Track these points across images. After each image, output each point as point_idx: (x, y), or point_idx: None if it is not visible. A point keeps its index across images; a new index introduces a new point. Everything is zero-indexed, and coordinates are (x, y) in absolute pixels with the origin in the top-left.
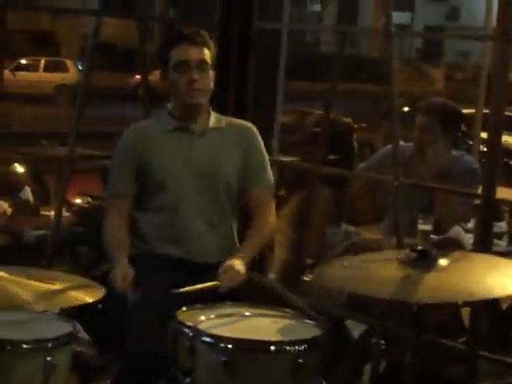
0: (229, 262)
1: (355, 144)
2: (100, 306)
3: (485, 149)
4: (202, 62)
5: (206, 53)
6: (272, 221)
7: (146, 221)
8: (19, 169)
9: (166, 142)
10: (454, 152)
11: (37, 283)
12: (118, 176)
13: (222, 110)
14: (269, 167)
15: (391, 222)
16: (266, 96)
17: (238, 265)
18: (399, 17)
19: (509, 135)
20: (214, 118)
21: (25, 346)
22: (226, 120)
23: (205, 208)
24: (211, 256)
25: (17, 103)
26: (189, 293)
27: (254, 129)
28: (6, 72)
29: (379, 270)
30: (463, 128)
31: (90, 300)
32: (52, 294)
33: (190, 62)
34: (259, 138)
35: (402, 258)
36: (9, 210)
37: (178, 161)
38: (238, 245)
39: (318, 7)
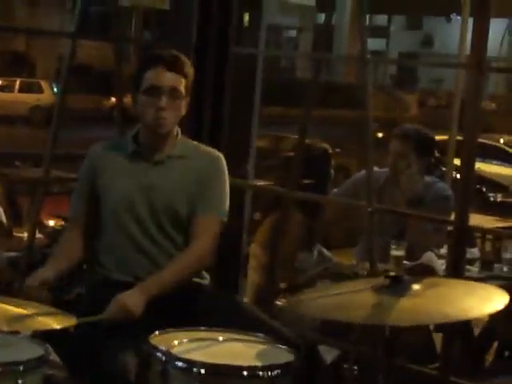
0: (122, 299)
1: (332, 170)
2: (72, 330)
3: (458, 175)
4: (175, 90)
5: (181, 81)
6: (207, 251)
7: (100, 246)
8: None
9: (122, 166)
10: (428, 178)
11: (8, 307)
12: (77, 197)
13: (196, 134)
14: (226, 199)
15: (365, 246)
16: (242, 120)
17: (132, 302)
18: (374, 43)
19: (482, 162)
20: (180, 145)
21: None
22: (193, 147)
23: (152, 236)
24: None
25: None
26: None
27: (222, 159)
28: None
29: (353, 297)
30: (436, 154)
31: (60, 324)
32: (23, 318)
33: (163, 88)
34: (224, 169)
35: (375, 285)
36: None
37: (130, 186)
38: None
39: (293, 33)
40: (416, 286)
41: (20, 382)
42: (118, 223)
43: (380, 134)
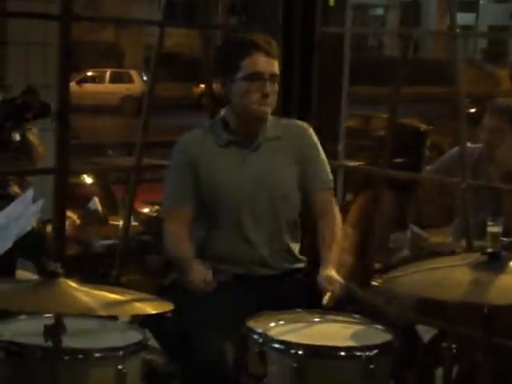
0: (327, 274)
1: (426, 148)
2: (169, 314)
3: None
4: (274, 75)
5: (276, 65)
6: (337, 219)
7: (202, 238)
8: (87, 180)
9: (217, 158)
10: None
11: (106, 293)
12: (175, 185)
13: (285, 114)
14: (327, 166)
15: (460, 224)
16: (330, 101)
17: (336, 274)
18: (463, 18)
19: None
20: (273, 126)
21: (96, 354)
22: (285, 125)
23: (263, 223)
24: (269, 269)
25: (83, 115)
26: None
27: (310, 129)
28: (73, 84)
29: (449, 274)
30: None
31: (158, 310)
32: (121, 304)
33: (264, 74)
34: (315, 139)
35: (472, 262)
36: (78, 221)
37: (229, 179)
38: (295, 254)
39: (380, 11)
40: None
41: (120, 367)
42: (225, 214)
43: (472, 110)
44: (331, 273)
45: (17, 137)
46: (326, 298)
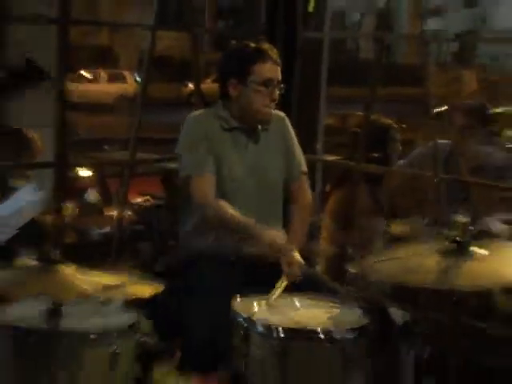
0: (288, 255)
1: (399, 144)
2: (160, 297)
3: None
4: (280, 81)
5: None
6: (310, 203)
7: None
8: (84, 173)
9: (225, 142)
10: (488, 148)
11: (101, 278)
12: (198, 155)
13: None
14: (301, 154)
15: (431, 215)
16: (310, 101)
17: (297, 256)
18: (433, 23)
19: None
20: None
21: (92, 336)
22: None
23: (259, 205)
24: (259, 250)
25: (80, 113)
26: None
27: (287, 119)
28: (70, 83)
29: (421, 262)
30: (496, 126)
31: (150, 293)
32: (115, 288)
33: (273, 80)
34: (291, 128)
35: (442, 250)
36: (75, 211)
37: (236, 164)
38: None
39: (357, 17)
40: (480, 251)
41: (114, 347)
42: (222, 195)
43: (442, 108)
44: (292, 253)
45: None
46: (279, 285)
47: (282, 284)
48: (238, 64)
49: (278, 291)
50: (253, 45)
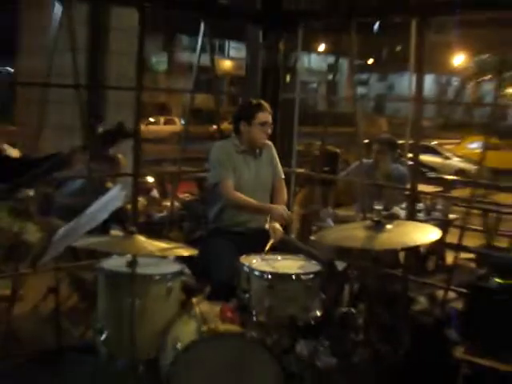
0: (273, 226)
1: (340, 162)
2: (196, 255)
3: (410, 162)
4: (270, 123)
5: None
6: (285, 198)
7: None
8: (150, 179)
9: (238, 159)
10: (394, 165)
11: (161, 243)
12: (224, 167)
13: None
14: (280, 166)
15: (360, 205)
16: (287, 135)
17: (278, 226)
18: (360, 89)
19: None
20: None
21: (156, 277)
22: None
23: (258, 200)
24: (256, 225)
25: (148, 143)
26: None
27: (272, 145)
28: (143, 126)
29: (353, 233)
30: (399, 151)
31: (189, 252)
32: (169, 249)
33: (268, 123)
34: (275, 151)
35: (366, 225)
36: (145, 203)
37: (245, 173)
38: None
39: (314, 85)
40: (389, 226)
41: (169, 284)
42: (241, 190)
43: (366, 140)
44: (276, 225)
45: (111, 152)
46: (268, 245)
47: (269, 245)
48: (247, 113)
49: (266, 249)
50: (255, 101)
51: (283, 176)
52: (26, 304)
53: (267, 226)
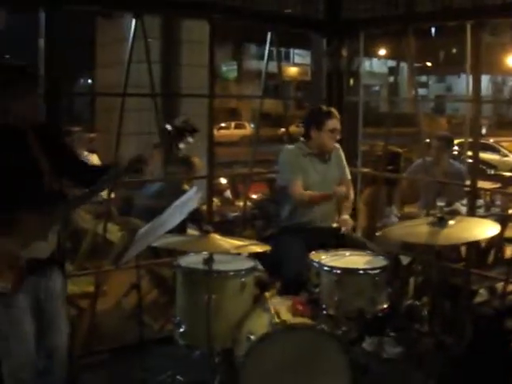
0: (343, 217)
1: (402, 161)
2: (268, 251)
3: (470, 160)
4: (339, 130)
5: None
6: (352, 196)
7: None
8: (223, 180)
9: (305, 162)
10: (452, 161)
11: (235, 241)
12: (293, 170)
13: None
14: (347, 168)
15: (423, 201)
16: (352, 136)
17: (349, 218)
18: (421, 91)
19: (481, 152)
20: None
21: (231, 273)
22: None
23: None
24: (325, 224)
25: (220, 147)
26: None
27: (340, 149)
28: (215, 130)
29: (417, 229)
30: (456, 148)
31: (261, 249)
32: (243, 247)
33: (337, 129)
34: (342, 153)
35: (429, 222)
36: (219, 203)
37: (312, 175)
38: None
39: (377, 88)
40: (451, 222)
41: (243, 279)
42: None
43: (427, 140)
44: (346, 216)
45: (182, 149)
46: (343, 230)
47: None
48: (317, 119)
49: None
50: (325, 108)
51: (349, 177)
52: (109, 300)
53: (335, 225)
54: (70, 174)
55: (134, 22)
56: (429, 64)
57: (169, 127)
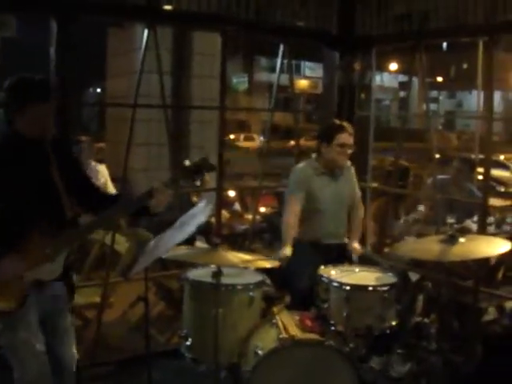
0: (354, 245)
1: (410, 176)
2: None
3: (480, 177)
4: (352, 145)
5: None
6: (362, 215)
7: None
8: (231, 193)
9: (317, 181)
10: (471, 186)
11: (243, 255)
12: (297, 190)
13: None
14: (357, 185)
15: (435, 218)
16: (363, 151)
17: (358, 245)
18: (431, 106)
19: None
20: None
21: (239, 287)
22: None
23: (337, 217)
24: (335, 240)
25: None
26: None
27: (352, 166)
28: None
29: (427, 245)
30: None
31: (270, 264)
32: (251, 261)
33: (348, 145)
34: (354, 171)
35: (439, 239)
36: (228, 216)
37: (325, 194)
38: (345, 235)
39: (387, 102)
40: (462, 239)
41: (251, 293)
42: (318, 213)
43: (437, 156)
44: (356, 245)
45: (198, 182)
46: (354, 258)
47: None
48: (327, 134)
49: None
50: (337, 122)
51: (360, 194)
52: (116, 311)
53: (346, 240)
54: (78, 194)
55: (146, 32)
56: (439, 79)
57: (187, 163)
